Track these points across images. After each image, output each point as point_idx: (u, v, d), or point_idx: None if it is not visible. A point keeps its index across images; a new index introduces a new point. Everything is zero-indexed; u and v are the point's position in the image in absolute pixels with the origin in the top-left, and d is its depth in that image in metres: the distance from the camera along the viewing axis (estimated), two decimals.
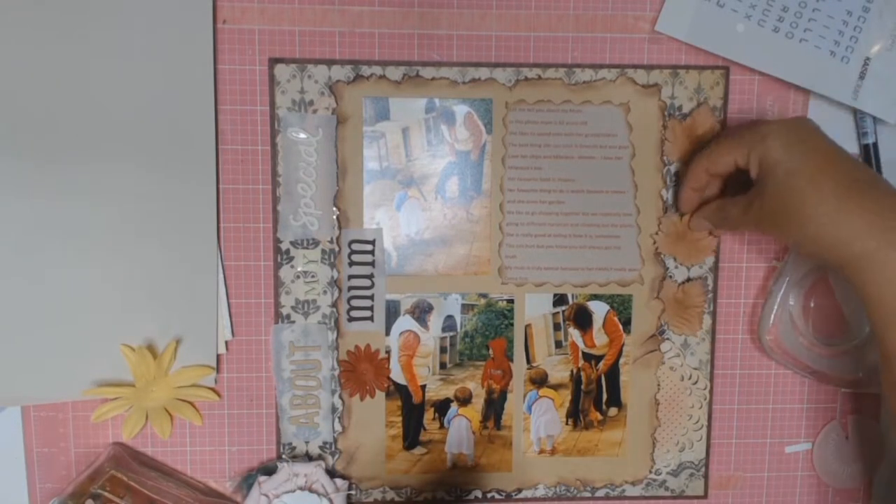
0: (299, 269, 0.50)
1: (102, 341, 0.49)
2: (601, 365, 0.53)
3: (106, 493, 0.47)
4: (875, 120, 0.51)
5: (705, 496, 0.54)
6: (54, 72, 0.47)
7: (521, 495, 0.53)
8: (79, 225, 0.48)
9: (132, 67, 0.47)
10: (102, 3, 0.47)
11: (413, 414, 0.52)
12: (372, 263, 0.51)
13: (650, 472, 0.54)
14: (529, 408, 0.53)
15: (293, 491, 0.50)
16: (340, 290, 0.51)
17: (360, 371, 0.50)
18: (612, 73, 0.50)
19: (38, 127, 0.47)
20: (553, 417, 0.53)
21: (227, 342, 0.50)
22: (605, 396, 0.53)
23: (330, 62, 0.49)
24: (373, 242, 0.50)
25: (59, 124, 0.47)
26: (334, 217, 0.50)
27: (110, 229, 0.48)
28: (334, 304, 0.51)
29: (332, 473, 0.51)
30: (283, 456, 0.51)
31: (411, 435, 0.52)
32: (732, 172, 0.47)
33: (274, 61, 0.49)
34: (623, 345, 0.53)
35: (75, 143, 0.47)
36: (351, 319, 0.51)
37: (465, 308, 0.52)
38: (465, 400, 0.52)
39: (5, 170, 0.47)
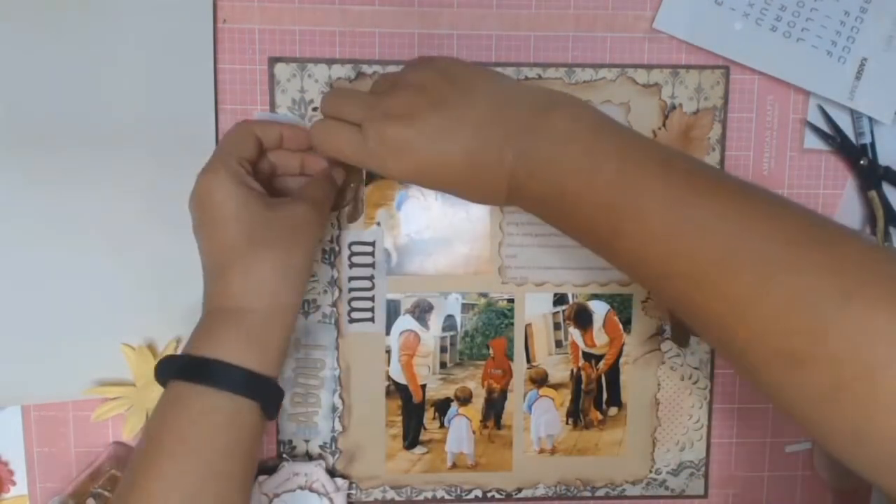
0: None
1: (102, 341, 0.49)
2: (601, 364, 0.53)
3: (106, 493, 0.47)
4: (872, 120, 0.51)
5: (705, 496, 0.54)
6: (54, 71, 0.47)
7: (521, 495, 0.53)
8: (79, 224, 0.48)
9: (132, 67, 0.47)
10: (103, 3, 0.47)
11: (413, 413, 0.52)
12: (372, 265, 0.51)
13: (650, 471, 0.54)
14: (530, 407, 0.53)
15: (293, 490, 0.50)
16: (340, 290, 0.51)
17: None
18: (613, 73, 0.50)
19: (38, 127, 0.47)
20: (553, 417, 0.53)
21: None
22: (605, 396, 0.53)
23: (330, 61, 0.49)
24: (373, 244, 0.50)
25: (58, 124, 0.47)
26: (334, 217, 0.50)
27: (110, 228, 0.48)
28: (334, 304, 0.51)
29: (332, 473, 0.51)
30: (283, 455, 0.51)
31: (411, 434, 0.52)
32: None
33: (274, 60, 0.49)
34: (623, 344, 0.53)
35: (75, 143, 0.47)
36: (352, 321, 0.51)
37: (466, 307, 0.52)
38: (465, 399, 0.52)
39: (5, 170, 0.47)
